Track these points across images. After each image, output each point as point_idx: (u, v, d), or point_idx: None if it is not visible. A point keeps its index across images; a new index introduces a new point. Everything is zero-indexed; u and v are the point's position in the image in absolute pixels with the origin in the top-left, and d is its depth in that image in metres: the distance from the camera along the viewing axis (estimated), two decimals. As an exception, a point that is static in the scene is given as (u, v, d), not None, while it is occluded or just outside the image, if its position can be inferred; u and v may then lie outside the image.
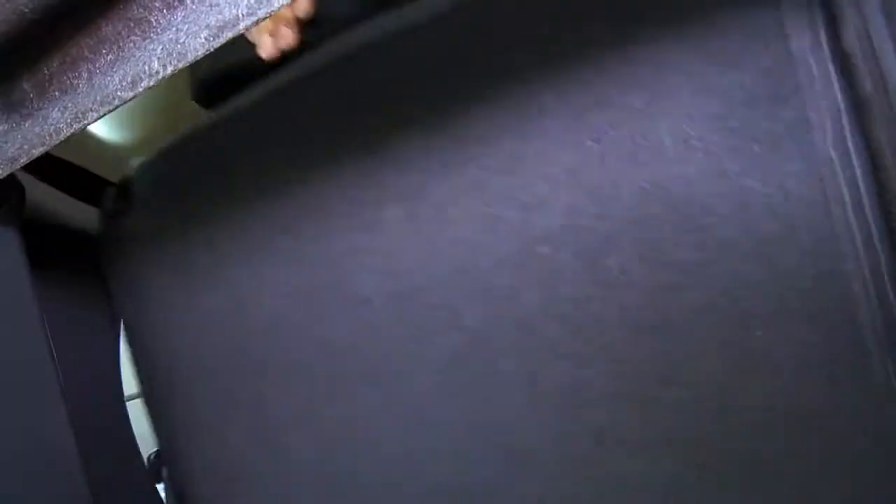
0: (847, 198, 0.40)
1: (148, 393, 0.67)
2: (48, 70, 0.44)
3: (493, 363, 0.49)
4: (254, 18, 0.37)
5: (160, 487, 0.71)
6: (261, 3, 0.37)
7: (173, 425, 0.66)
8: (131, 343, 0.68)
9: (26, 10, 0.40)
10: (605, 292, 0.45)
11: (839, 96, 0.40)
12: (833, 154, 0.40)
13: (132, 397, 0.96)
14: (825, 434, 0.42)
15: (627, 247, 0.44)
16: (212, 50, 0.39)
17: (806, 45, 0.40)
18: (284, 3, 0.36)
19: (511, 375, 0.49)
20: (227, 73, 0.63)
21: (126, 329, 0.68)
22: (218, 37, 0.38)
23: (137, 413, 0.95)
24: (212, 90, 0.64)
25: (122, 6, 0.42)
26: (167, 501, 0.70)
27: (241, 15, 0.37)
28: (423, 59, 0.51)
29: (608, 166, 0.44)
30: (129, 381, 0.95)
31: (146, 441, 0.95)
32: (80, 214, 0.80)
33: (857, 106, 0.40)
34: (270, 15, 0.36)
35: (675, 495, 0.45)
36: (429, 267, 0.51)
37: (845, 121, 0.40)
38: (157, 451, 0.70)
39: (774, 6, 0.40)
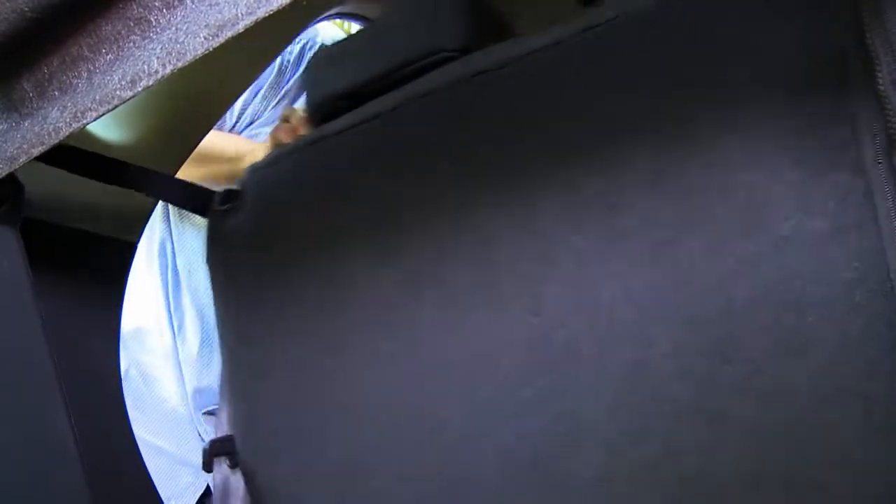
0: (893, 209, 0.44)
1: (230, 383, 0.71)
2: (48, 69, 0.45)
3: (568, 345, 0.54)
4: (253, 17, 0.37)
5: (208, 477, 0.71)
6: (260, 2, 0.37)
7: (255, 417, 0.69)
8: (223, 337, 0.71)
9: (26, 10, 0.40)
10: (673, 282, 0.50)
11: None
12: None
13: (132, 397, 0.96)
14: (864, 410, 0.45)
15: (695, 242, 0.49)
16: (210, 49, 0.39)
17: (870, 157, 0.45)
18: (284, 2, 0.36)
19: (584, 356, 0.53)
20: (340, 96, 0.68)
21: (219, 321, 0.71)
22: (217, 36, 0.38)
23: (137, 413, 0.95)
24: (325, 112, 0.70)
25: (121, 6, 0.42)
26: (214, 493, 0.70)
27: (240, 14, 0.37)
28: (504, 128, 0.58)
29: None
30: (129, 382, 0.95)
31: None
32: (81, 214, 0.80)
33: None
34: (270, 13, 0.36)
35: (728, 462, 0.49)
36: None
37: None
38: (213, 440, 0.70)
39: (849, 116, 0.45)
